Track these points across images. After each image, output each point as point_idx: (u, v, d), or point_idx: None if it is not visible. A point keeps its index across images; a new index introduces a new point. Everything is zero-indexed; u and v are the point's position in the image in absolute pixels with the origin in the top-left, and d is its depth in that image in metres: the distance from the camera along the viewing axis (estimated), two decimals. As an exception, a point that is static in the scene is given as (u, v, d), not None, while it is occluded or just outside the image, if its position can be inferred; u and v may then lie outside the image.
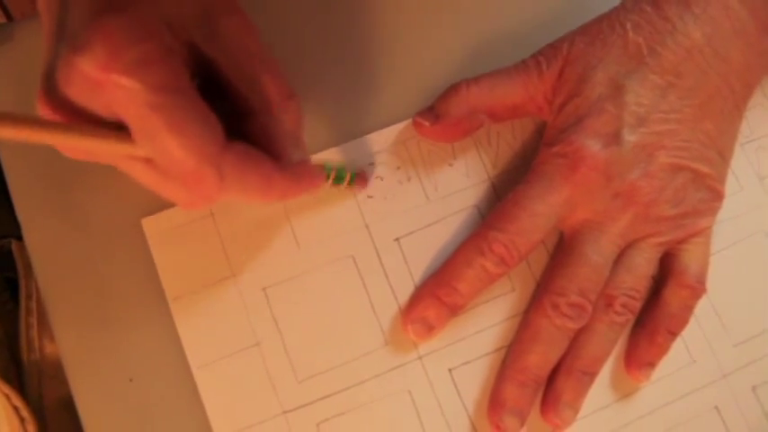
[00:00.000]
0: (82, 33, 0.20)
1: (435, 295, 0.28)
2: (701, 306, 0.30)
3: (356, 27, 0.33)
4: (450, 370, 0.29)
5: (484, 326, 0.29)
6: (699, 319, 0.30)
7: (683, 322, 0.29)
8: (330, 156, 0.31)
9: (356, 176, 0.30)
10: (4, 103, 0.31)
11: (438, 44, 0.33)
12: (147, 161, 0.23)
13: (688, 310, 0.29)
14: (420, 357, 0.29)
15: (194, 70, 0.23)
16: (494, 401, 0.28)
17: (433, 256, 0.30)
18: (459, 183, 0.31)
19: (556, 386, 0.28)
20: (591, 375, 0.29)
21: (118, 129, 0.22)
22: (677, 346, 0.30)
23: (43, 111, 0.22)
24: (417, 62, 0.32)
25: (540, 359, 0.28)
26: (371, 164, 0.31)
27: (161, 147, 0.21)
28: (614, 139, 0.27)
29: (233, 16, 0.24)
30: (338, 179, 0.29)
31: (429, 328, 0.28)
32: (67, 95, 0.21)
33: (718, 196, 0.29)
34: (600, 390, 0.29)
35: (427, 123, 0.30)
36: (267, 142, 0.25)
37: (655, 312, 0.29)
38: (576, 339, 0.28)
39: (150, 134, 0.21)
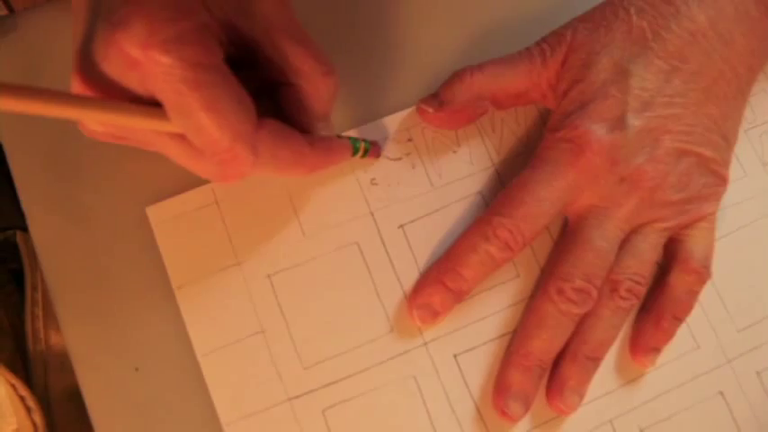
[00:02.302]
0: (120, 10, 0.20)
1: (440, 281, 0.28)
2: (706, 291, 0.30)
3: (360, 14, 0.33)
4: (455, 356, 0.29)
5: (489, 312, 0.30)
6: (703, 305, 0.30)
7: (688, 307, 0.29)
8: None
9: (370, 147, 0.30)
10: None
11: (443, 31, 0.33)
12: (180, 138, 0.23)
13: (693, 295, 0.29)
14: (425, 343, 0.29)
15: (227, 46, 0.24)
16: (499, 387, 0.28)
17: (438, 243, 0.30)
18: (464, 170, 0.31)
19: (561, 372, 0.28)
20: (596, 361, 0.29)
21: (152, 106, 0.22)
22: (682, 331, 0.30)
23: (77, 87, 0.23)
24: (422, 49, 0.32)
25: (544, 344, 0.28)
26: (385, 138, 0.31)
27: (196, 124, 0.22)
28: (619, 123, 0.27)
29: None
30: (354, 151, 0.29)
31: (434, 314, 0.28)
32: (103, 72, 0.22)
33: (722, 181, 0.29)
34: (605, 375, 0.29)
35: (431, 110, 0.30)
36: (297, 114, 0.26)
37: (660, 298, 0.29)
38: (581, 325, 0.29)
39: (185, 111, 0.21)
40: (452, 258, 0.28)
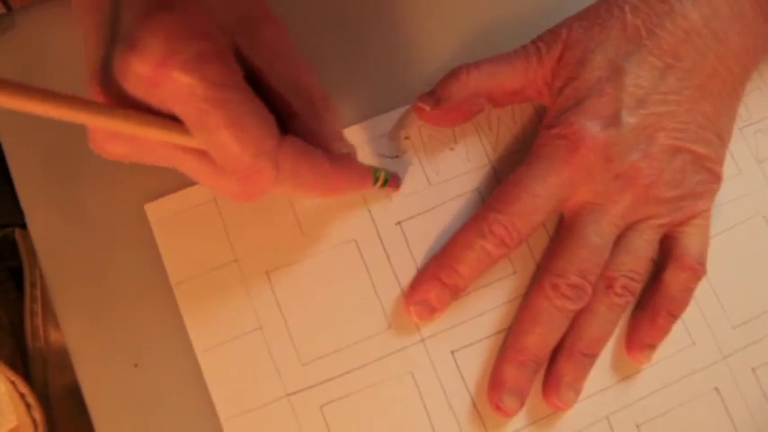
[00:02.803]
0: (137, 30, 0.20)
1: (437, 277, 0.28)
2: (701, 288, 0.30)
3: (357, 12, 0.33)
4: (452, 352, 0.29)
5: (485, 308, 0.30)
6: (699, 302, 0.31)
7: (684, 304, 0.30)
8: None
9: (390, 178, 0.30)
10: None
11: (440, 30, 0.33)
12: (201, 154, 0.23)
13: (688, 292, 0.30)
14: (422, 340, 0.29)
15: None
16: (493, 382, 0.28)
17: (435, 240, 0.30)
18: (461, 167, 0.31)
19: (557, 368, 0.29)
20: (591, 357, 0.29)
21: (172, 120, 0.22)
22: (677, 328, 0.30)
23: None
24: (419, 47, 0.33)
25: (539, 340, 0.28)
26: (382, 135, 0.30)
27: (219, 141, 0.22)
28: (614, 120, 0.28)
29: (272, 24, 0.25)
30: (374, 179, 0.29)
31: (431, 310, 0.29)
32: (123, 90, 0.21)
33: (716, 178, 0.30)
34: (601, 371, 0.29)
35: (428, 108, 0.30)
36: (312, 142, 0.25)
37: (655, 295, 0.29)
38: (577, 321, 0.29)
39: (208, 129, 0.21)
40: (449, 255, 0.29)
